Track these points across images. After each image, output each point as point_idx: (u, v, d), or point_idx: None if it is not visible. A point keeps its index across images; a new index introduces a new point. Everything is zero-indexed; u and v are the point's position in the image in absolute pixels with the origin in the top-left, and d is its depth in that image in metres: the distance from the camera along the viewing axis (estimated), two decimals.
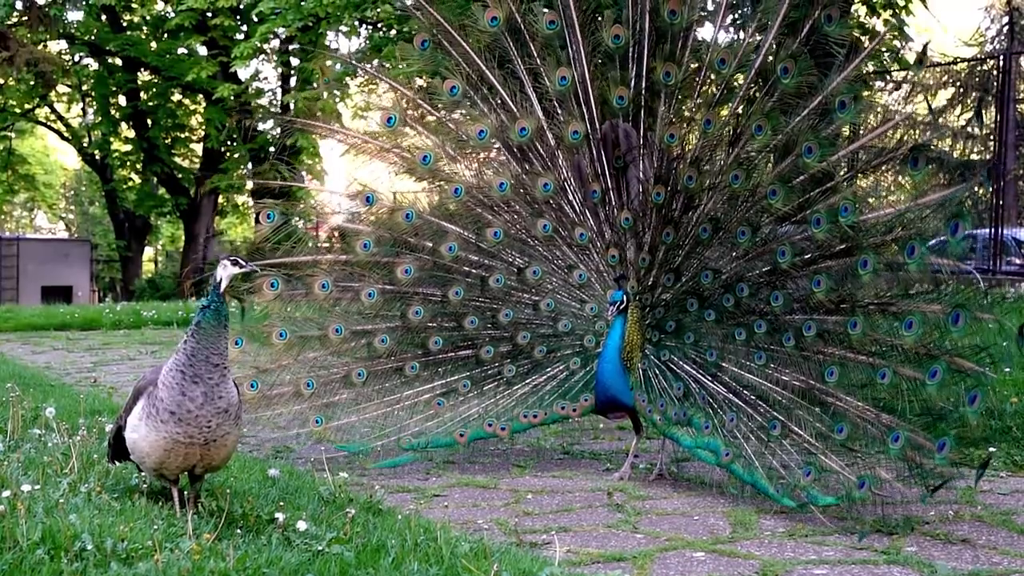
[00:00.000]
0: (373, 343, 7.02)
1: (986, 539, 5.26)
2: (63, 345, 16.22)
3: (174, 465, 4.74)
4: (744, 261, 6.55)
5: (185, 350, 4.61)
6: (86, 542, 4.05)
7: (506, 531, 5.40)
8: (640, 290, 6.82)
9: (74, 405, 7.76)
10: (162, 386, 4.60)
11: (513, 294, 7.10)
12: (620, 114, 6.86)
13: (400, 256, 7.05)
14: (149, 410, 4.64)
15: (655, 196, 6.70)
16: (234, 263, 4.81)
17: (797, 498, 5.75)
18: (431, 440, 6.92)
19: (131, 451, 4.81)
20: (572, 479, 6.76)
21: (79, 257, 35.77)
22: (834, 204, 6.06)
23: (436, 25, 7.00)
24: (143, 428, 4.67)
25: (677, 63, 6.69)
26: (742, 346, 6.48)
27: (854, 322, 5.96)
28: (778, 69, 6.31)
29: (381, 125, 7.23)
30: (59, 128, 38.38)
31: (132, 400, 4.86)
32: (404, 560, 4.29)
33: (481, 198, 7.07)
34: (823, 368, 6.10)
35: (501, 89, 6.99)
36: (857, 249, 6.01)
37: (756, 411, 6.27)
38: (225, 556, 4.05)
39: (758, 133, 6.40)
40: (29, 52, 28.07)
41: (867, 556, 4.96)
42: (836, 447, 5.85)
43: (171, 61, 31.10)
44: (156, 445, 4.64)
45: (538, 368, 7.08)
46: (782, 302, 6.31)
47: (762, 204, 6.42)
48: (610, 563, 4.85)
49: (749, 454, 6.10)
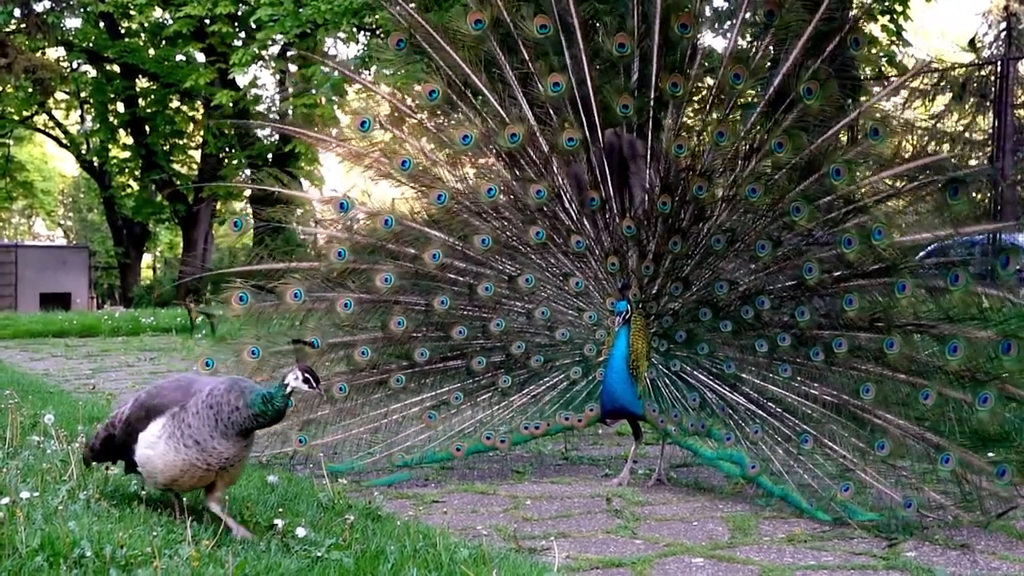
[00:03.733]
0: (353, 355, 6.80)
1: (985, 544, 5.26)
2: (61, 352, 16.23)
3: (187, 485, 4.78)
4: (765, 274, 6.51)
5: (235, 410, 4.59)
6: (85, 549, 4.05)
7: (505, 537, 5.39)
8: (644, 299, 6.77)
9: (73, 412, 7.76)
10: (193, 416, 4.60)
11: (504, 303, 6.95)
12: (623, 123, 6.79)
13: (379, 264, 6.86)
14: (173, 431, 4.62)
15: (661, 205, 6.63)
16: (307, 382, 4.69)
17: (833, 512, 5.72)
18: (426, 455, 6.76)
19: (141, 464, 4.77)
20: (571, 485, 6.76)
21: (77, 264, 35.65)
22: (864, 224, 6.05)
23: (414, 25, 6.83)
24: (162, 446, 4.65)
25: (685, 75, 6.64)
26: (764, 358, 6.45)
27: (891, 341, 5.95)
28: (802, 90, 6.30)
29: (353, 129, 7.08)
30: (57, 135, 38.35)
31: (142, 413, 4.78)
32: (403, 566, 4.29)
33: (468, 204, 6.93)
34: (857, 384, 6.08)
35: (488, 93, 6.85)
36: (893, 271, 6.02)
37: (783, 423, 6.25)
38: (224, 563, 4.05)
39: (778, 150, 6.39)
40: (27, 59, 28.05)
41: (866, 562, 4.96)
42: (877, 463, 5.85)
43: (169, 68, 31.05)
44: (172, 465, 4.66)
45: (535, 378, 6.96)
46: (809, 317, 6.29)
47: (784, 220, 6.40)
48: (609, 569, 4.85)
49: (778, 467, 6.10)
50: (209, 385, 4.70)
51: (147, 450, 4.71)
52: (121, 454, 4.97)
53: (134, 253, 37.97)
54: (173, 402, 4.69)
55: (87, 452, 5.29)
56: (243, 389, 4.63)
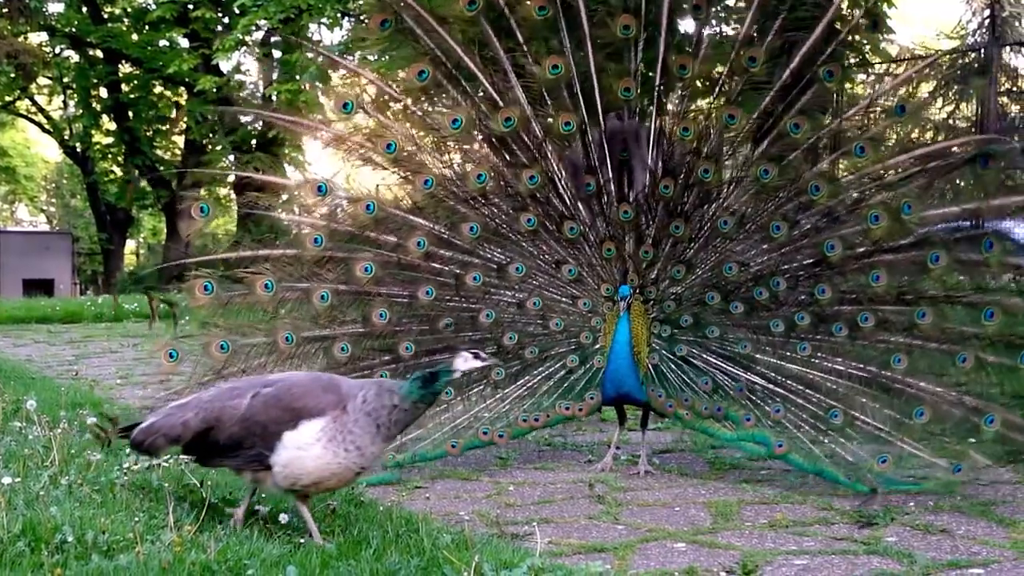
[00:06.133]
0: (331, 350, 6.44)
1: (965, 529, 5.29)
2: (44, 338, 16.19)
3: (328, 486, 4.70)
4: (780, 254, 6.51)
5: (393, 409, 4.57)
6: (67, 534, 4.04)
7: (488, 523, 5.40)
8: (642, 284, 6.70)
9: (55, 398, 7.74)
10: (353, 422, 4.52)
11: (494, 293, 6.75)
12: (624, 106, 6.69)
13: (359, 252, 6.52)
14: (335, 435, 4.51)
15: (663, 189, 6.57)
16: (475, 356, 4.79)
17: (870, 484, 5.82)
18: (418, 454, 6.46)
19: (283, 463, 4.55)
20: (554, 471, 6.77)
21: (60, 250, 35.48)
22: (888, 201, 6.11)
23: (403, 6, 6.52)
24: (318, 449, 4.51)
25: (695, 56, 6.62)
26: (780, 337, 6.47)
27: (922, 312, 6.05)
28: (822, 72, 6.34)
29: (336, 111, 6.76)
30: (40, 120, 38.16)
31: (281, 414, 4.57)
32: (386, 551, 4.30)
33: (455, 190, 6.69)
34: (887, 356, 6.16)
35: (482, 76, 6.62)
36: (926, 244, 6.08)
37: (807, 400, 6.30)
38: (206, 548, 4.05)
39: (794, 131, 6.41)
40: (9, 44, 27.97)
41: (847, 546, 4.98)
42: (917, 432, 5.95)
43: (152, 53, 30.91)
44: (326, 468, 4.54)
45: (530, 369, 6.77)
46: (830, 294, 6.33)
47: (800, 200, 6.42)
48: (591, 554, 4.87)
49: (807, 443, 6.15)
50: (357, 387, 4.65)
51: (298, 451, 4.53)
52: (218, 449, 4.69)
53: (117, 239, 37.82)
54: (328, 404, 4.56)
55: (159, 441, 4.75)
56: (390, 388, 4.61)
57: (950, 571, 4.59)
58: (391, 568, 4.09)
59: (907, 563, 4.68)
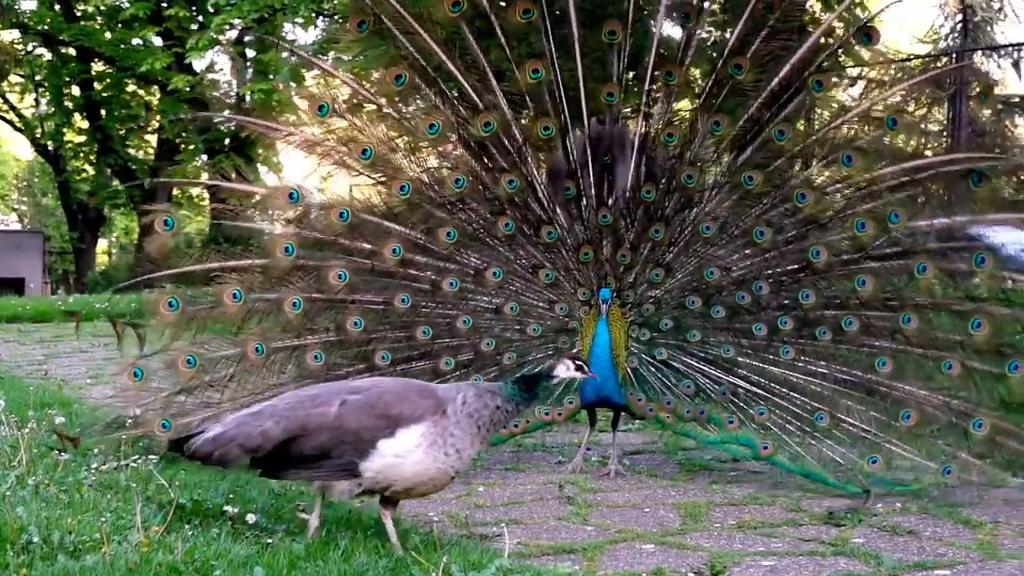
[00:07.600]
0: (304, 359, 6.30)
1: (932, 531, 5.32)
2: (14, 337, 16.07)
3: (422, 491, 4.66)
4: (763, 259, 6.53)
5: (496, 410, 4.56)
6: (33, 535, 4.01)
7: (457, 523, 5.40)
8: (619, 287, 6.68)
9: (24, 398, 7.67)
10: (455, 425, 4.48)
11: (471, 298, 6.67)
12: (607, 111, 6.69)
13: (331, 260, 6.37)
14: (435, 440, 4.45)
15: (644, 194, 6.57)
16: (579, 369, 4.82)
17: (862, 485, 5.88)
18: None
19: (375, 471, 4.46)
20: (524, 472, 6.78)
21: (31, 249, 35.30)
22: (876, 209, 6.16)
23: (383, 7, 6.40)
24: (419, 455, 4.45)
25: (680, 63, 6.62)
26: (763, 341, 6.48)
27: (907, 317, 6.10)
28: (811, 83, 6.38)
29: (311, 115, 6.57)
30: (11, 118, 37.95)
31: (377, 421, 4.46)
32: (354, 552, 4.29)
33: (432, 195, 6.60)
34: (873, 359, 6.20)
35: (463, 80, 6.52)
36: (911, 253, 6.13)
37: (791, 403, 6.33)
38: (174, 549, 4.03)
39: (780, 137, 6.43)
40: None
41: (814, 548, 5.00)
42: (904, 435, 6.01)
43: (125, 52, 30.78)
44: (423, 473, 4.49)
45: (508, 376, 6.61)
46: (814, 299, 6.35)
47: (785, 207, 6.45)
48: (560, 555, 4.87)
49: (793, 445, 6.19)
50: (453, 390, 4.61)
51: (396, 458, 4.45)
52: (300, 459, 4.51)
53: (89, 238, 37.68)
54: (427, 409, 4.49)
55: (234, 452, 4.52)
56: (490, 389, 4.60)
57: (917, 572, 4.62)
58: (359, 569, 4.09)
59: (874, 564, 4.70)
